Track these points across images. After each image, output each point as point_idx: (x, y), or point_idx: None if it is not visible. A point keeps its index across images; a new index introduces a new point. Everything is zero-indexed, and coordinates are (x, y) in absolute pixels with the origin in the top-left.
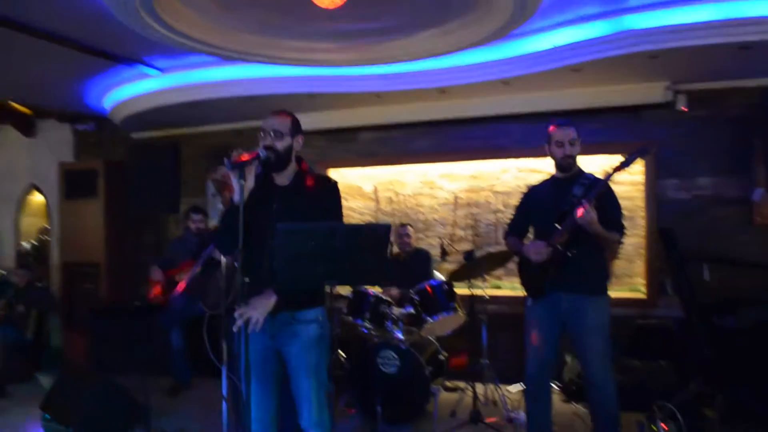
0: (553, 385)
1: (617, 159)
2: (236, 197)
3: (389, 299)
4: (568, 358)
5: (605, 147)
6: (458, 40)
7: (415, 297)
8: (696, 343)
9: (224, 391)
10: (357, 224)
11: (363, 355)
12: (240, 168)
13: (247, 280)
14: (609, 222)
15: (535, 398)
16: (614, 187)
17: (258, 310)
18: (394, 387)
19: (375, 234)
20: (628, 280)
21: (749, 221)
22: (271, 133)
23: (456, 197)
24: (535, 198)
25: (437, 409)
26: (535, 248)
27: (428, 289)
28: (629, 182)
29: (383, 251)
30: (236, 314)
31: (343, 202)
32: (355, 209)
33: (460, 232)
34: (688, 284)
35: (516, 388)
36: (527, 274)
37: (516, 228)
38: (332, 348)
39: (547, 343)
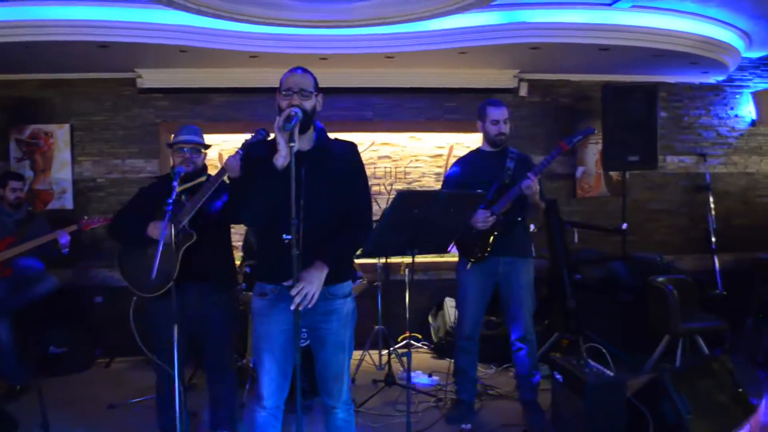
0: (422, 345)
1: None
2: (280, 161)
3: None
4: (431, 319)
5: (461, 124)
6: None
7: None
8: (561, 297)
9: (177, 385)
10: (461, 191)
11: None
12: (291, 128)
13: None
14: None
15: (468, 352)
16: None
17: (314, 285)
18: (307, 359)
19: (472, 201)
20: None
21: (573, 194)
22: (299, 92)
23: None
24: (468, 171)
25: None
26: (483, 218)
27: None
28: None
29: (467, 219)
30: (293, 291)
31: None
32: None
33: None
34: (564, 246)
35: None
36: (468, 241)
37: None
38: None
39: (481, 303)
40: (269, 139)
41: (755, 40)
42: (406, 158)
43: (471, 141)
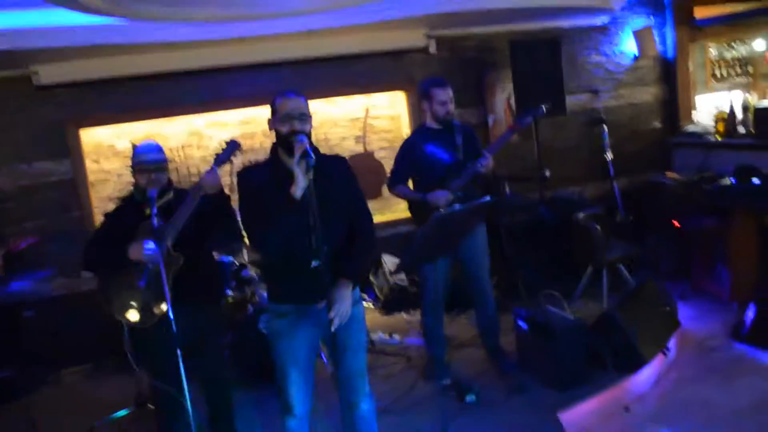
0: (370, 304)
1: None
2: (298, 193)
3: (244, 262)
4: (372, 278)
5: (372, 87)
6: None
7: None
8: (498, 245)
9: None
10: (480, 201)
11: (243, 327)
12: (308, 161)
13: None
14: None
15: (435, 313)
16: (375, 122)
17: (345, 303)
18: None
19: (485, 209)
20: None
21: (487, 142)
22: (299, 117)
23: None
24: (419, 149)
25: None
26: (444, 196)
27: None
28: (388, 116)
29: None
30: (331, 314)
31: (95, 165)
32: (111, 171)
33: None
34: (498, 198)
35: None
36: (428, 217)
37: (402, 177)
38: None
39: (442, 269)
40: (260, 162)
41: None
42: (326, 124)
43: (386, 102)
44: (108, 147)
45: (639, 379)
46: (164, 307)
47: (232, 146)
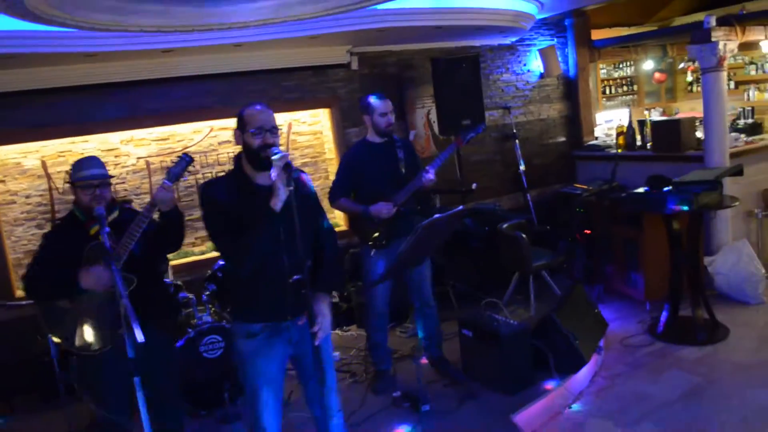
0: None
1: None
2: (278, 206)
3: (181, 283)
4: None
5: (300, 103)
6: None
7: (219, 273)
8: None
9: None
10: (456, 210)
11: (184, 351)
12: (290, 173)
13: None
14: None
15: (381, 329)
16: (297, 138)
17: (328, 316)
18: (223, 369)
19: (458, 218)
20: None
21: None
22: (271, 130)
23: (148, 163)
24: (361, 163)
25: None
26: (386, 209)
27: None
28: (310, 132)
29: (449, 233)
30: (315, 329)
31: (1, 186)
32: (19, 192)
33: None
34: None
35: None
36: (369, 229)
37: (344, 190)
38: None
39: (387, 284)
40: (221, 176)
41: (546, 4)
42: None
43: (307, 117)
44: (14, 165)
45: (578, 378)
46: (120, 331)
47: (185, 160)
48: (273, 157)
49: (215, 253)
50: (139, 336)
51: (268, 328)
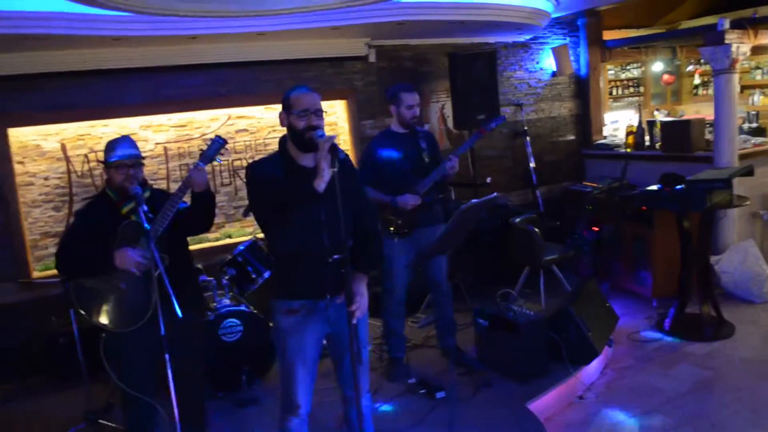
0: None
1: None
2: (322, 186)
3: (201, 267)
4: None
5: (319, 93)
6: None
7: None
8: None
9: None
10: (490, 197)
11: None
12: (335, 154)
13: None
14: None
15: (398, 316)
16: None
17: (365, 296)
18: (241, 352)
19: (491, 204)
20: None
21: None
22: (316, 112)
23: (165, 149)
24: (384, 153)
25: None
26: (413, 200)
27: None
28: (325, 123)
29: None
30: (353, 307)
31: (20, 168)
32: (37, 174)
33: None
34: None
35: None
36: (392, 218)
37: (367, 180)
38: None
39: (407, 272)
40: (267, 155)
41: (561, 3)
42: (264, 130)
43: (329, 108)
44: (34, 147)
45: (589, 370)
46: (150, 308)
47: (218, 143)
48: (318, 139)
49: (230, 240)
50: (178, 311)
51: (307, 305)
